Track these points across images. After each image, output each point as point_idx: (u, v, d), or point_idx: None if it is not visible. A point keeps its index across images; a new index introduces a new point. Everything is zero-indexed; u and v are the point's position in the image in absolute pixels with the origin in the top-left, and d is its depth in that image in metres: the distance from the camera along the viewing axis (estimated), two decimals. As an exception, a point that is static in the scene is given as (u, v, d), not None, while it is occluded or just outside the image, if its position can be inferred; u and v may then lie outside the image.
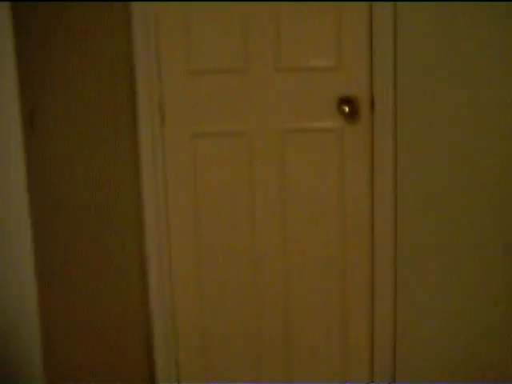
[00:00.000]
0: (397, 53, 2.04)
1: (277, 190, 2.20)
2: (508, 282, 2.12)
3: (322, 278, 2.23)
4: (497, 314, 2.15)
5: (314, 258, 2.23)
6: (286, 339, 2.30)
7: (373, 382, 2.27)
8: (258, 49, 2.12)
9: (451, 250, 2.14)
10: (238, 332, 2.32)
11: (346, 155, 2.14)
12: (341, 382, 2.29)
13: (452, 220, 2.12)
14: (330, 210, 2.18)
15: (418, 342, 2.22)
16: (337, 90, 2.11)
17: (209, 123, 2.20)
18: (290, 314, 2.28)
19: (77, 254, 1.85)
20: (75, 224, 1.84)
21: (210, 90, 2.17)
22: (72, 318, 1.81)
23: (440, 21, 2.01)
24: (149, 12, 2.10)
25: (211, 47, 2.14)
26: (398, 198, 2.13)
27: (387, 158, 2.10)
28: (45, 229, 1.64)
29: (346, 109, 2.09)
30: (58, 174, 1.75)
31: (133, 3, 2.08)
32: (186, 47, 2.14)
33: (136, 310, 2.27)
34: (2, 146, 1.55)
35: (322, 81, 2.12)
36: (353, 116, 2.11)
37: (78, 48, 1.86)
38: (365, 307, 2.23)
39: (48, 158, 1.69)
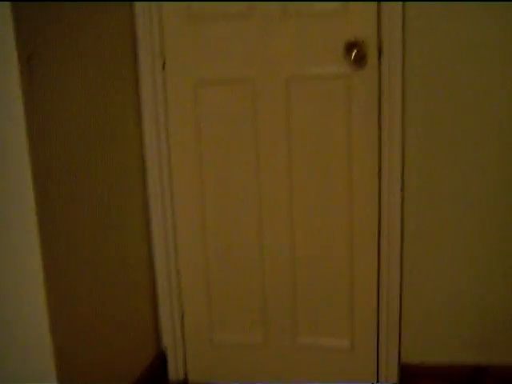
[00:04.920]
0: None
1: (282, 139, 2.15)
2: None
3: (328, 227, 2.20)
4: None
5: (319, 207, 2.19)
6: (293, 293, 2.28)
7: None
8: (261, -7, 2.05)
9: (459, 205, 2.10)
10: (243, 287, 2.32)
11: (353, 102, 2.07)
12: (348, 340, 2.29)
13: (464, 174, 2.07)
14: (336, 159, 2.13)
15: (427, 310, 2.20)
16: (343, 34, 2.03)
17: (211, 70, 2.15)
18: (296, 269, 2.25)
19: (79, 206, 1.84)
20: (76, 176, 1.82)
21: (213, 36, 2.12)
22: (76, 273, 1.81)
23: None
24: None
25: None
26: (406, 144, 2.07)
27: (395, 106, 2.04)
28: (46, 178, 1.63)
29: (353, 54, 2.02)
30: (58, 127, 1.72)
31: None
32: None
33: (140, 265, 2.28)
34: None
35: (328, 25, 2.05)
36: (360, 61, 2.04)
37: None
38: (371, 257, 2.19)
39: (48, 110, 1.67)
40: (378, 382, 2.27)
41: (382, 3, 1.99)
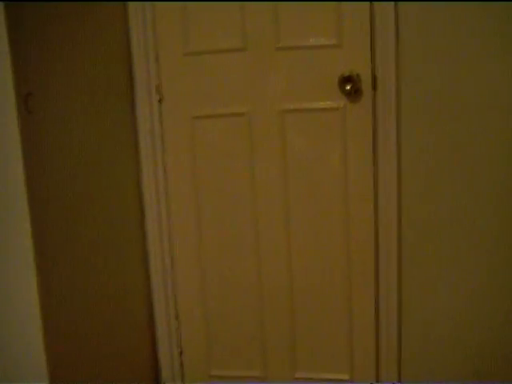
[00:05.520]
0: (399, 29, 1.99)
1: (278, 172, 2.16)
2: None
3: (325, 260, 2.20)
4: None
5: (316, 239, 2.19)
6: (291, 328, 2.27)
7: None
8: (256, 28, 2.08)
9: (457, 231, 2.09)
10: (242, 322, 2.31)
11: (348, 135, 2.09)
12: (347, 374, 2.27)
13: (457, 199, 2.07)
14: (333, 190, 2.14)
15: (426, 330, 2.18)
16: (338, 68, 2.05)
17: (208, 105, 2.17)
18: (294, 301, 2.25)
19: (77, 239, 1.83)
20: (74, 209, 1.82)
21: (209, 71, 2.14)
22: (74, 314, 1.80)
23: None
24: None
25: (209, 27, 2.11)
26: (402, 176, 2.08)
27: (390, 137, 2.05)
28: (43, 212, 1.63)
29: (348, 87, 2.04)
30: (55, 159, 1.72)
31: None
32: (183, 28, 2.12)
33: (138, 300, 2.27)
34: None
35: (322, 59, 2.07)
36: (354, 95, 2.06)
37: (74, 31, 1.85)
38: (369, 291, 2.18)
39: (45, 143, 1.67)
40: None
41: (376, 37, 2.01)
